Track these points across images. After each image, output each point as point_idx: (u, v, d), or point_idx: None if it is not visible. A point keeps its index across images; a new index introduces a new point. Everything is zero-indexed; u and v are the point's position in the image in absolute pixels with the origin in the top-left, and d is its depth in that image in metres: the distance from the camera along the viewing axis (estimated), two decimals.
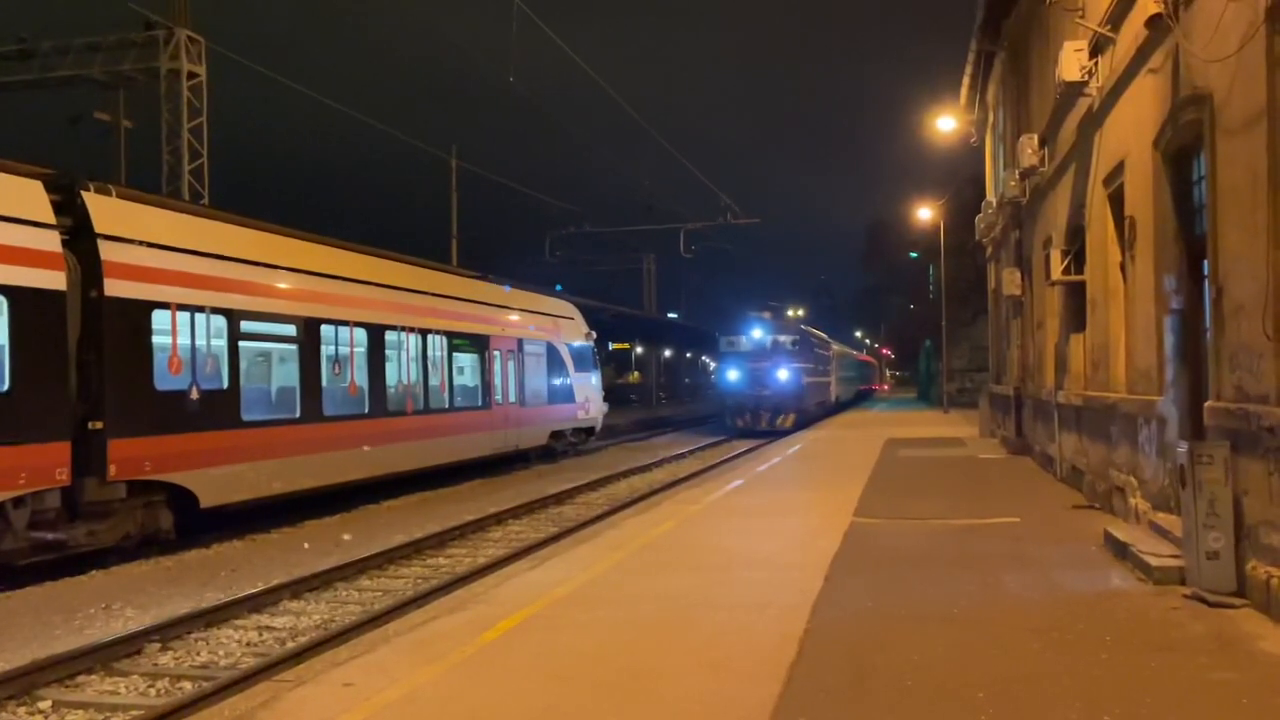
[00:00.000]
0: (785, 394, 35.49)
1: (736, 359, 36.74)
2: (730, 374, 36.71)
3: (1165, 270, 9.46)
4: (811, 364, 38.90)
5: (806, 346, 38.14)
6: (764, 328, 37.48)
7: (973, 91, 26.06)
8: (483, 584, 8.70)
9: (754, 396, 35.50)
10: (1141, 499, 10.15)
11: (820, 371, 41.84)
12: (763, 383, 35.56)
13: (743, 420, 35.60)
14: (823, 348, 44.48)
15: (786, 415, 35.17)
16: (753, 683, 5.69)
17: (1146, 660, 6.06)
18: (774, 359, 36.06)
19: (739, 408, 36.01)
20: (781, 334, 37.62)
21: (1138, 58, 9.99)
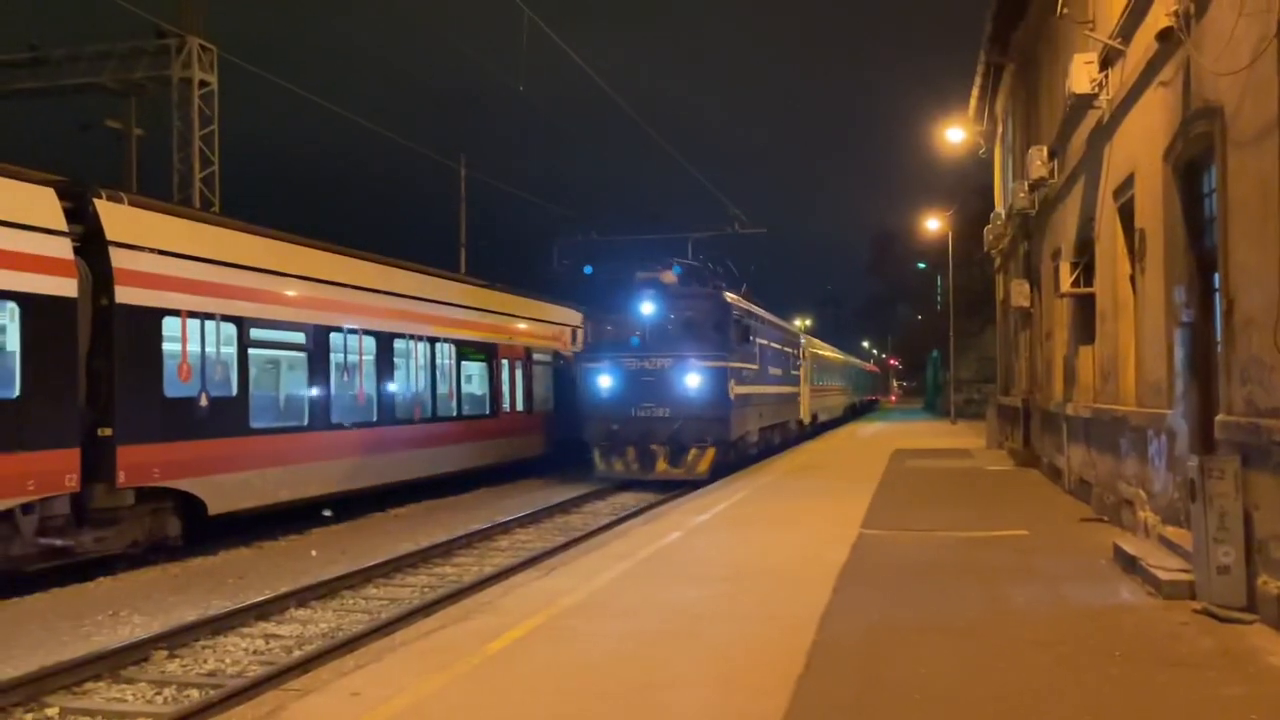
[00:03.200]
0: (697, 414, 20.58)
1: (611, 355, 21.32)
2: (600, 381, 21.20)
3: (1175, 282, 9.43)
4: (752, 363, 23.66)
5: (740, 332, 22.19)
6: (660, 299, 21.59)
7: (981, 103, 26.06)
8: (489, 593, 8.69)
9: (640, 421, 20.63)
10: (1151, 512, 10.11)
11: (771, 376, 26.64)
12: (656, 395, 20.75)
13: (620, 463, 20.88)
14: (783, 341, 29.91)
15: (700, 451, 20.52)
16: (760, 695, 5.67)
17: (1155, 675, 6.02)
18: (678, 354, 21.02)
19: (613, 439, 20.81)
20: (692, 309, 21.74)
21: (1148, 70, 9.98)
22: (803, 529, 12.17)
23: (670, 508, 15.26)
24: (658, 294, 21.50)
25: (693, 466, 20.46)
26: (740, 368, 22.07)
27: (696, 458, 20.50)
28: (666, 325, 21.39)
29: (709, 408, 20.60)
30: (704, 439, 20.49)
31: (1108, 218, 12.24)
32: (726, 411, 20.94)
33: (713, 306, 21.75)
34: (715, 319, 21.47)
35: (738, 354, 21.78)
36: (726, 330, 21.39)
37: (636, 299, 21.32)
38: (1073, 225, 14.51)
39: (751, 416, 23.53)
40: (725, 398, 20.90)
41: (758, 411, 24.38)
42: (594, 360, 21.43)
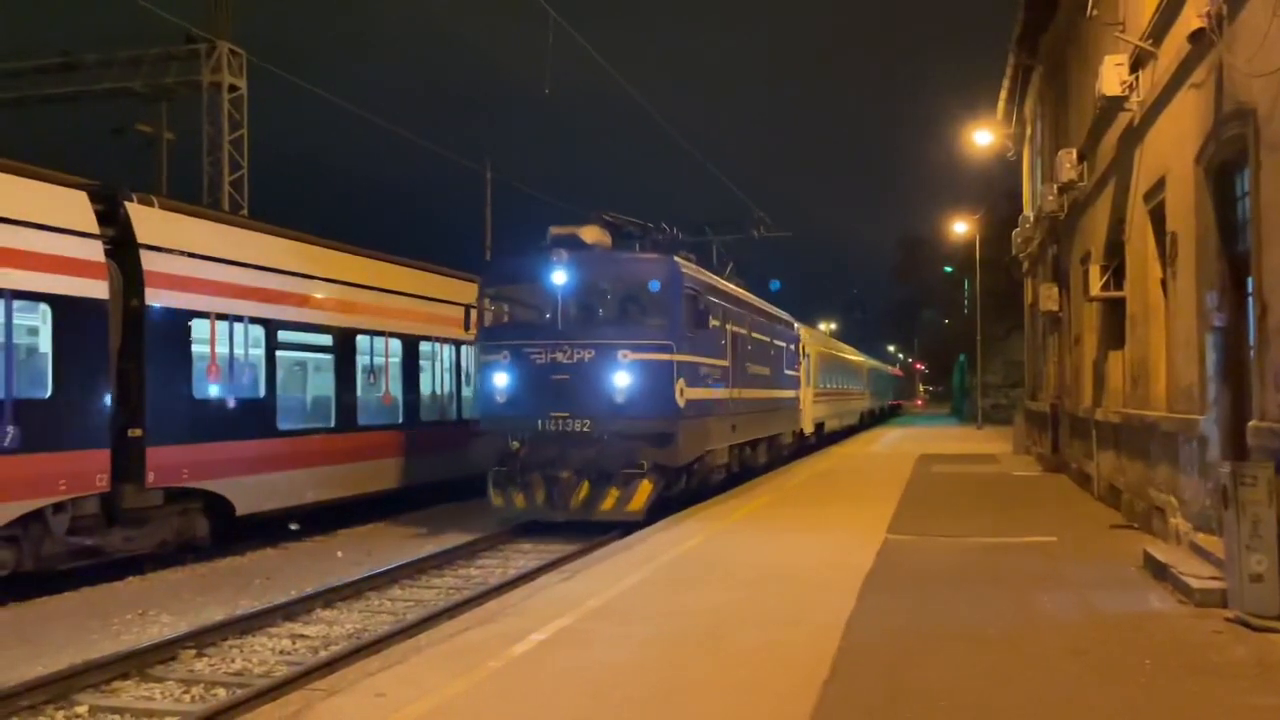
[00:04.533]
0: (629, 428, 14.48)
1: (512, 344, 15.16)
2: (495, 380, 15.16)
3: (1207, 287, 9.32)
4: (718, 357, 17.27)
5: (696, 313, 15.74)
6: (581, 265, 15.16)
7: (1010, 105, 25.90)
8: (513, 595, 8.70)
9: (551, 437, 14.65)
10: (1182, 519, 9.99)
11: (751, 376, 20.06)
12: (573, 400, 14.63)
13: (522, 496, 14.69)
14: (771, 332, 23.00)
15: (633, 481, 14.44)
16: (785, 701, 5.65)
17: (1186, 684, 5.95)
18: (603, 341, 14.79)
19: (512, 462, 14.74)
20: (625, 279, 15.64)
21: (1180, 72, 9.88)
22: (828, 535, 12.10)
23: (692, 511, 14.94)
24: (577, 258, 14.83)
25: (623, 502, 14.16)
26: (696, 363, 15.56)
27: (628, 489, 14.17)
28: (590, 301, 15.18)
29: (647, 418, 14.26)
30: (639, 462, 14.14)
31: (1138, 221, 12.11)
32: (673, 423, 14.47)
33: (655, 276, 15.01)
34: (658, 293, 14.92)
35: (692, 343, 15.33)
36: (674, 309, 14.88)
37: (547, 265, 14.69)
38: (1103, 228, 14.38)
39: (717, 429, 16.84)
40: (670, 404, 14.44)
41: (727, 423, 17.62)
42: (488, 351, 15.19)
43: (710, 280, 17.51)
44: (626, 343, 14.58)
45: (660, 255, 15.99)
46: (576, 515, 14.39)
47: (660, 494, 14.64)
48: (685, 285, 15.37)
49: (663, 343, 14.67)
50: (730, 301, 18.77)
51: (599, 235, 15.79)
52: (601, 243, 15.70)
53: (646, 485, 14.36)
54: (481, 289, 15.90)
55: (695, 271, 16.64)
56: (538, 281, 15.00)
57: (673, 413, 14.67)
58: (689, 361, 15.33)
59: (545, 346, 14.68)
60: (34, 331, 11.25)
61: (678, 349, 14.85)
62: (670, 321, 14.92)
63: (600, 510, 14.35)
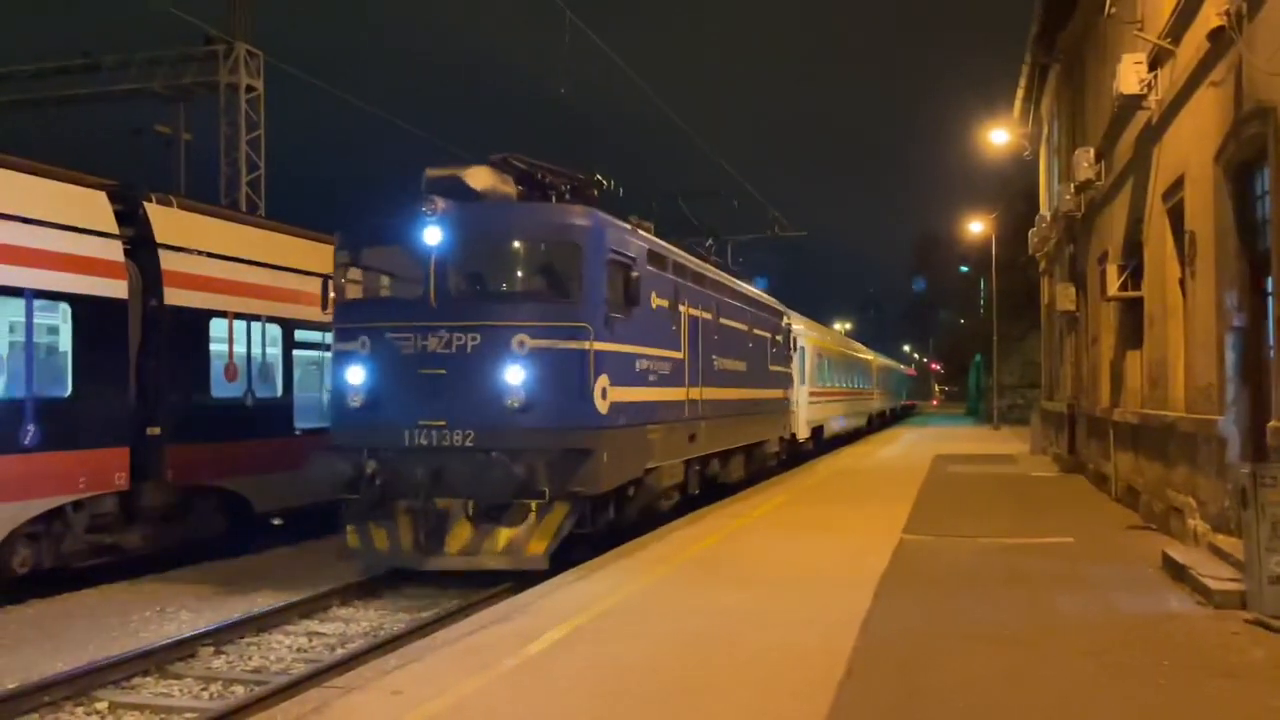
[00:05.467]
0: (527, 440, 10.39)
1: (370, 328, 10.97)
2: (349, 376, 10.90)
3: (1226, 286, 9.27)
4: (666, 347, 13.24)
5: (625, 286, 11.54)
6: (464, 221, 10.85)
7: (1026, 104, 25.78)
8: (529, 595, 8.71)
9: (421, 453, 10.47)
10: (1200, 520, 9.93)
11: (718, 373, 16.02)
12: (450, 403, 10.50)
13: (384, 534, 10.74)
14: (750, 319, 18.91)
15: (533, 513, 10.46)
16: (802, 700, 5.65)
17: (1205, 686, 5.92)
18: (492, 322, 10.68)
19: (370, 487, 10.51)
20: (523, 237, 11.66)
21: (1199, 70, 9.82)
22: (844, 535, 12.08)
23: (708, 511, 14.93)
24: (460, 212, 10.81)
25: (519, 544, 10.42)
26: (629, 353, 11.64)
27: (527, 527, 10.43)
28: (475, 270, 11.33)
29: (552, 429, 10.47)
30: (541, 489, 10.23)
31: (1157, 220, 12.05)
32: (591, 434, 10.65)
33: (565, 235, 11.15)
34: (570, 259, 11.02)
35: (623, 327, 11.41)
36: (593, 281, 10.93)
37: (419, 220, 10.69)
38: (1120, 228, 14.30)
39: (666, 440, 12.93)
40: (586, 408, 10.65)
41: (682, 432, 13.75)
42: (342, 337, 11.24)
43: (656, 248, 13.17)
44: (524, 325, 10.50)
45: (577, 207, 11.66)
46: (456, 563, 10.59)
47: (576, 530, 10.70)
48: (611, 249, 11.21)
49: (575, 326, 10.60)
50: (689, 278, 14.53)
51: (493, 181, 11.40)
52: (498, 192, 11.41)
53: (552, 520, 10.39)
54: (337, 255, 11.64)
55: (630, 234, 12.19)
56: (406, 243, 10.90)
57: (590, 420, 10.62)
58: (616, 352, 11.22)
59: (414, 331, 10.59)
60: (54, 331, 11.36)
61: (598, 335, 10.74)
62: (587, 297, 10.80)
63: (487, 555, 10.44)
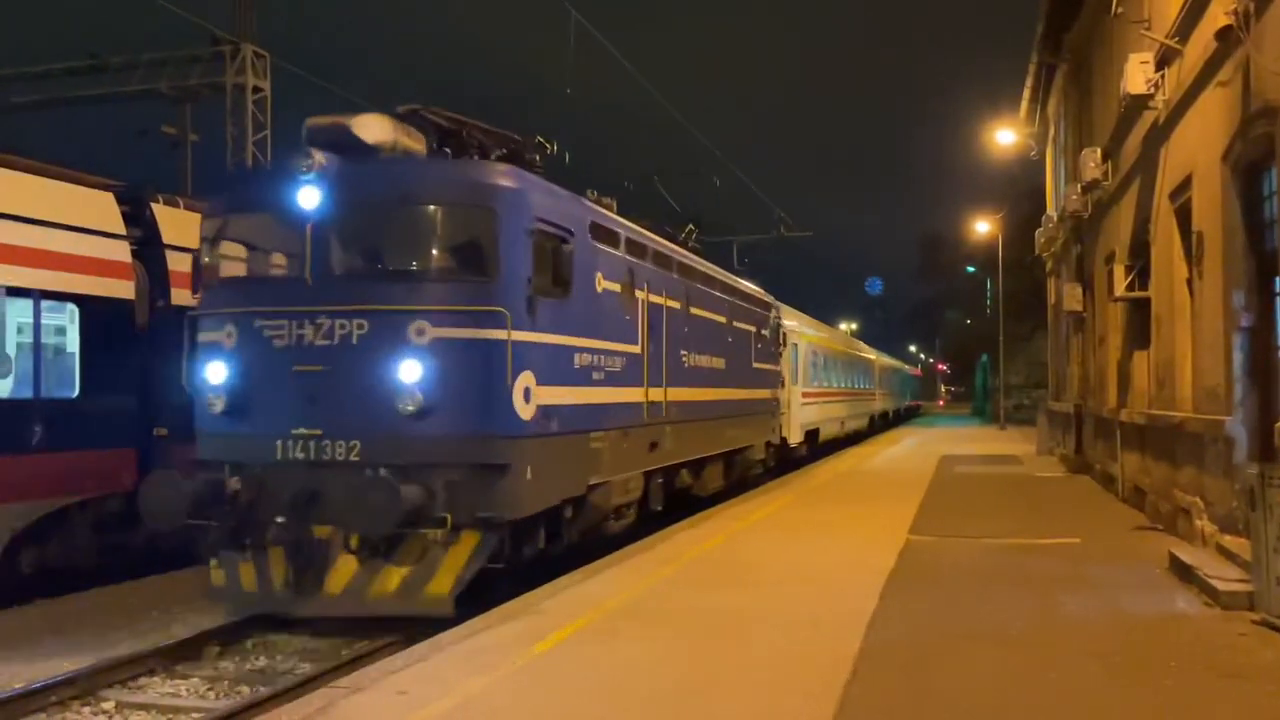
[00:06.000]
0: (430, 453, 8.44)
1: (238, 313, 9.02)
2: (210, 373, 8.98)
3: (1234, 286, 9.24)
4: (615, 339, 11.01)
5: (555, 264, 9.50)
6: (351, 182, 8.79)
7: (1033, 104, 25.74)
8: (535, 594, 8.70)
9: (294, 469, 8.53)
10: (1207, 521, 9.90)
11: (688, 371, 13.89)
12: (331, 406, 8.50)
13: (251, 572, 8.72)
14: (729, 310, 16.63)
15: (429, 553, 8.39)
16: (808, 701, 5.64)
17: (1212, 687, 5.90)
18: (384, 305, 8.60)
19: (234, 513, 8.49)
20: (426, 201, 9.06)
21: (1206, 70, 9.79)
22: (849, 535, 12.06)
23: (713, 512, 14.96)
24: (345, 169, 8.89)
25: (416, 584, 8.50)
26: (563, 345, 9.67)
27: (426, 563, 8.49)
28: (364, 242, 9.29)
29: (459, 438, 8.59)
30: (438, 513, 8.35)
31: (1164, 220, 12.02)
32: (510, 445, 8.76)
33: (477, 198, 9.04)
34: (482, 226, 8.94)
35: (554, 313, 9.45)
36: (512, 255, 8.91)
37: (293, 180, 8.81)
38: (1127, 228, 14.27)
39: (616, 450, 10.92)
40: (503, 412, 8.71)
41: (640, 439, 11.77)
42: (205, 325, 9.37)
43: (604, 220, 11.00)
44: (424, 309, 8.51)
45: (495, 164, 9.51)
46: (336, 608, 8.58)
47: (490, 565, 8.59)
48: (538, 217, 9.15)
49: (489, 310, 8.54)
50: (650, 259, 12.38)
51: (393, 134, 9.21)
52: (398, 147, 9.26)
53: (458, 554, 8.39)
54: (202, 226, 9.69)
55: (567, 201, 10.16)
56: (278, 210, 8.88)
57: (508, 427, 8.66)
58: (545, 343, 9.22)
59: (287, 317, 8.67)
60: (61, 331, 11.38)
61: (518, 322, 8.69)
62: (504, 275, 8.74)
63: (375, 599, 8.44)
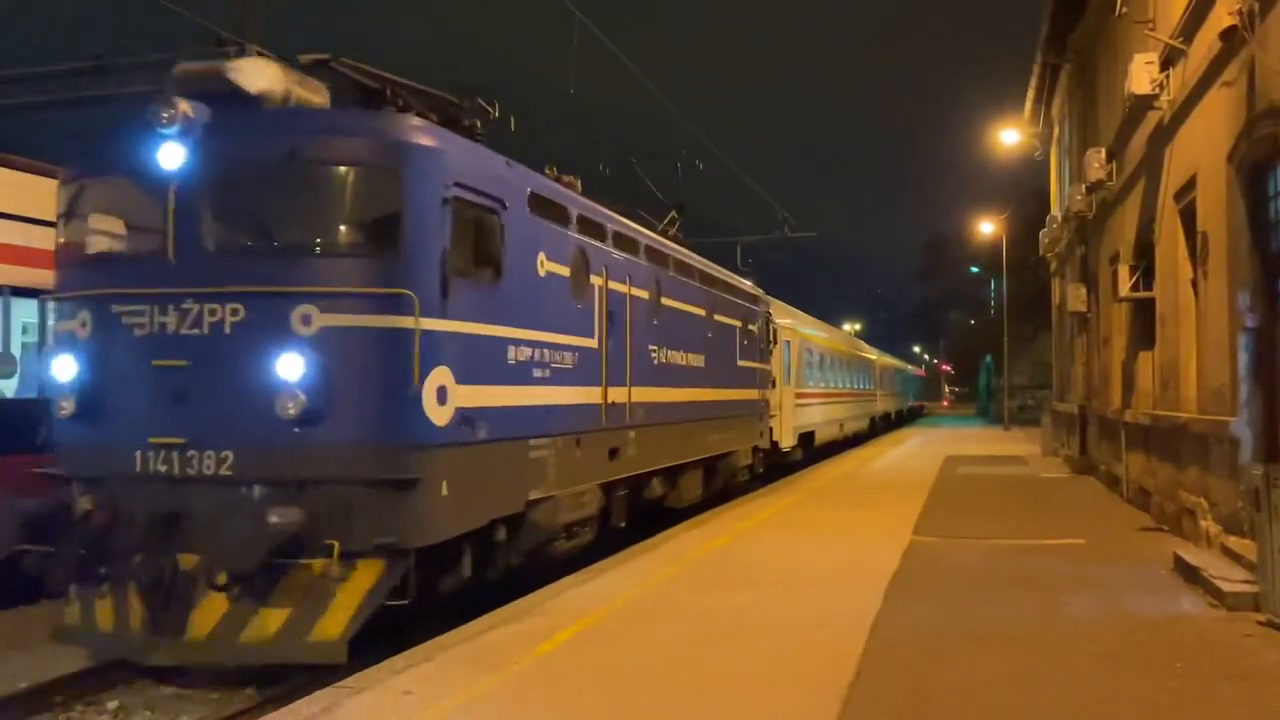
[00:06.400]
0: (320, 467, 6.93)
1: (92, 286, 7.44)
2: (60, 370, 7.37)
3: (1239, 287, 9.23)
4: (566, 331, 9.63)
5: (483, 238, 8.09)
6: (229, 135, 7.19)
7: (1037, 105, 25.73)
8: (539, 595, 8.71)
9: (154, 486, 6.95)
10: (1212, 522, 9.89)
11: (657, 368, 12.42)
12: (198, 409, 6.97)
13: (109, 610, 7.06)
14: (709, 301, 15.03)
15: (316, 589, 6.77)
16: (812, 701, 5.63)
17: (1218, 688, 5.89)
18: (262, 289, 7.03)
19: (84, 539, 6.87)
20: (319, 154, 7.30)
21: (1211, 70, 9.78)
22: (853, 535, 12.05)
23: (717, 512, 14.93)
24: (217, 121, 7.31)
25: (299, 627, 6.91)
26: (487, 336, 8.22)
27: (312, 601, 6.90)
28: (238, 208, 7.61)
29: (355, 446, 7.14)
30: (324, 540, 6.79)
31: (1168, 221, 12.01)
32: (418, 454, 7.29)
33: (379, 155, 7.48)
34: (386, 191, 7.41)
35: (477, 297, 8.04)
36: (425, 225, 7.43)
37: (154, 136, 7.21)
38: (1132, 228, 14.26)
39: (557, 460, 9.40)
40: (411, 415, 7.24)
41: (596, 447, 10.37)
42: (61, 313, 8.00)
43: (547, 191, 9.52)
44: (312, 292, 7.07)
45: (404, 117, 7.87)
46: (201, 655, 6.99)
47: (390, 603, 7.08)
48: (458, 183, 7.66)
49: (392, 293, 7.13)
50: (610, 241, 10.93)
51: (282, 82, 7.61)
52: (291, 99, 7.67)
53: (352, 590, 6.88)
54: (58, 196, 8.16)
55: (500, 166, 8.64)
56: (137, 172, 7.37)
57: (417, 434, 7.21)
58: (466, 334, 7.76)
59: (148, 302, 7.19)
60: None
61: (429, 308, 7.27)
62: (413, 250, 7.31)
63: (249, 644, 6.85)
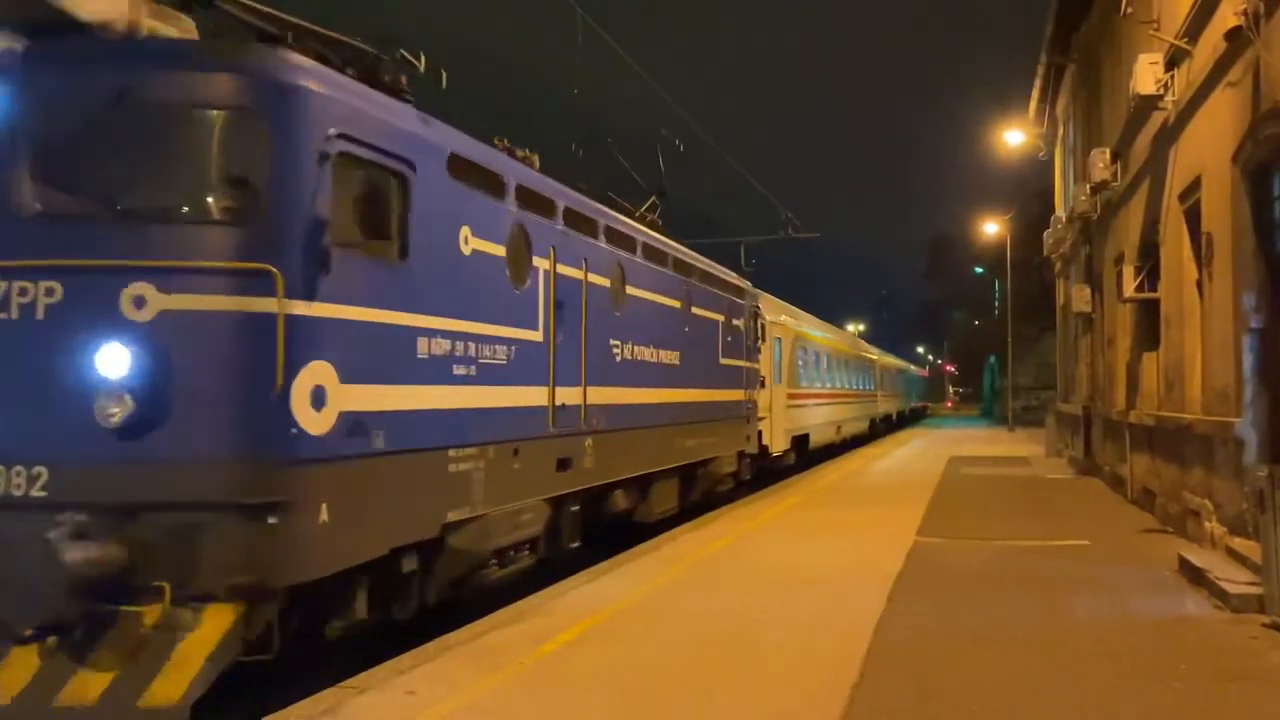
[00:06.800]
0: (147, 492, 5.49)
1: None
2: None
3: (1244, 287, 9.21)
4: (482, 314, 7.84)
5: (366, 196, 6.57)
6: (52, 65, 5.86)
7: (1042, 105, 25.69)
8: (541, 596, 8.70)
9: None
10: (1217, 523, 9.87)
11: (616, 366, 10.82)
12: (3, 429, 5.56)
13: None
14: (682, 291, 13.44)
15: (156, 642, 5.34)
16: (815, 702, 5.63)
17: (1222, 690, 5.87)
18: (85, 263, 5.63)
19: None
20: (159, 95, 5.85)
21: (1216, 70, 9.76)
22: (856, 537, 12.03)
23: (719, 513, 14.88)
24: (39, 57, 5.93)
25: (131, 687, 5.40)
26: (387, 325, 6.69)
27: (150, 654, 5.43)
28: (63, 162, 5.93)
29: (201, 460, 5.68)
30: (154, 582, 5.44)
31: (1173, 221, 11.98)
32: (287, 472, 5.84)
33: (236, 96, 6.00)
34: (244, 142, 6.00)
35: (371, 275, 6.60)
36: (295, 184, 6.01)
37: None
38: (1136, 229, 14.23)
39: (488, 474, 7.93)
40: (275, 422, 5.80)
41: (543, 456, 9.07)
42: None
43: (474, 153, 8.04)
44: (145, 267, 5.80)
45: (273, 52, 6.31)
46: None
47: (251, 654, 5.78)
48: (342, 134, 6.36)
49: (249, 268, 5.87)
50: (561, 218, 9.55)
51: (124, 9, 6.01)
52: (139, 30, 6.07)
53: (199, 642, 5.56)
54: None
55: (407, 120, 7.19)
56: None
57: (284, 446, 5.90)
58: (356, 321, 6.43)
59: None
60: None
61: (299, 286, 5.99)
62: (278, 215, 6.04)
63: (69, 708, 5.48)
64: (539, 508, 9.06)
